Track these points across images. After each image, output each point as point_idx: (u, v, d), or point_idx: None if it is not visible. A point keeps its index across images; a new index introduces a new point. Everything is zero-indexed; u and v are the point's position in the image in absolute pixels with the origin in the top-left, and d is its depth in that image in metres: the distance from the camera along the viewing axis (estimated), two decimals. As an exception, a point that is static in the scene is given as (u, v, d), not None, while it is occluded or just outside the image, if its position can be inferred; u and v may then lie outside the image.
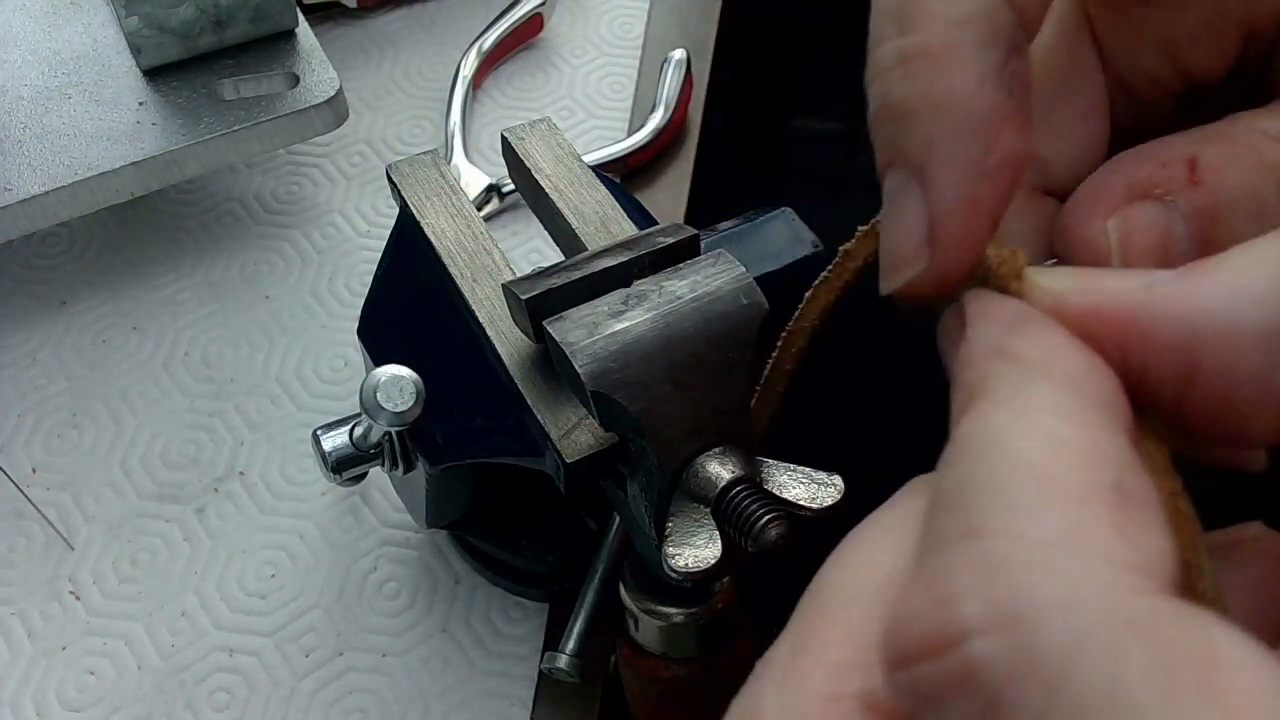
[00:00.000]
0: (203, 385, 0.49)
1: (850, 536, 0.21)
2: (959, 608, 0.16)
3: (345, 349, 0.51)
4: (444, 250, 0.35)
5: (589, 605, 0.40)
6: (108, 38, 0.52)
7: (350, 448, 0.36)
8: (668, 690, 0.34)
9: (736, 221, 0.39)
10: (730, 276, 0.29)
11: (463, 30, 0.62)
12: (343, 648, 0.42)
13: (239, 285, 0.53)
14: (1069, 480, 0.17)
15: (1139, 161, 0.24)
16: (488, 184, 0.54)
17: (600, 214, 0.35)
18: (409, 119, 0.59)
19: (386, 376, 0.32)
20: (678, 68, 0.58)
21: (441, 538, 0.45)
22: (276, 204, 0.56)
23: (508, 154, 0.37)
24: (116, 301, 0.52)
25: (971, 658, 0.15)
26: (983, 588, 0.16)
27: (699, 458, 0.28)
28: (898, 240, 0.22)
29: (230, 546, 0.45)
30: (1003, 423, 0.18)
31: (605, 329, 0.28)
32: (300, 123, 0.50)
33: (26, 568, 0.44)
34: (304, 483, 0.46)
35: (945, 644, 0.16)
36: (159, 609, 0.43)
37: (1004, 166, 0.21)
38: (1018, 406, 0.18)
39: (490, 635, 0.43)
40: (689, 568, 0.27)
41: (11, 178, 0.46)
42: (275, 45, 0.52)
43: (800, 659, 0.19)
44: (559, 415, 0.31)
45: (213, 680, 0.42)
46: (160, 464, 0.47)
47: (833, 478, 0.28)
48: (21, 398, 0.49)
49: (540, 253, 0.54)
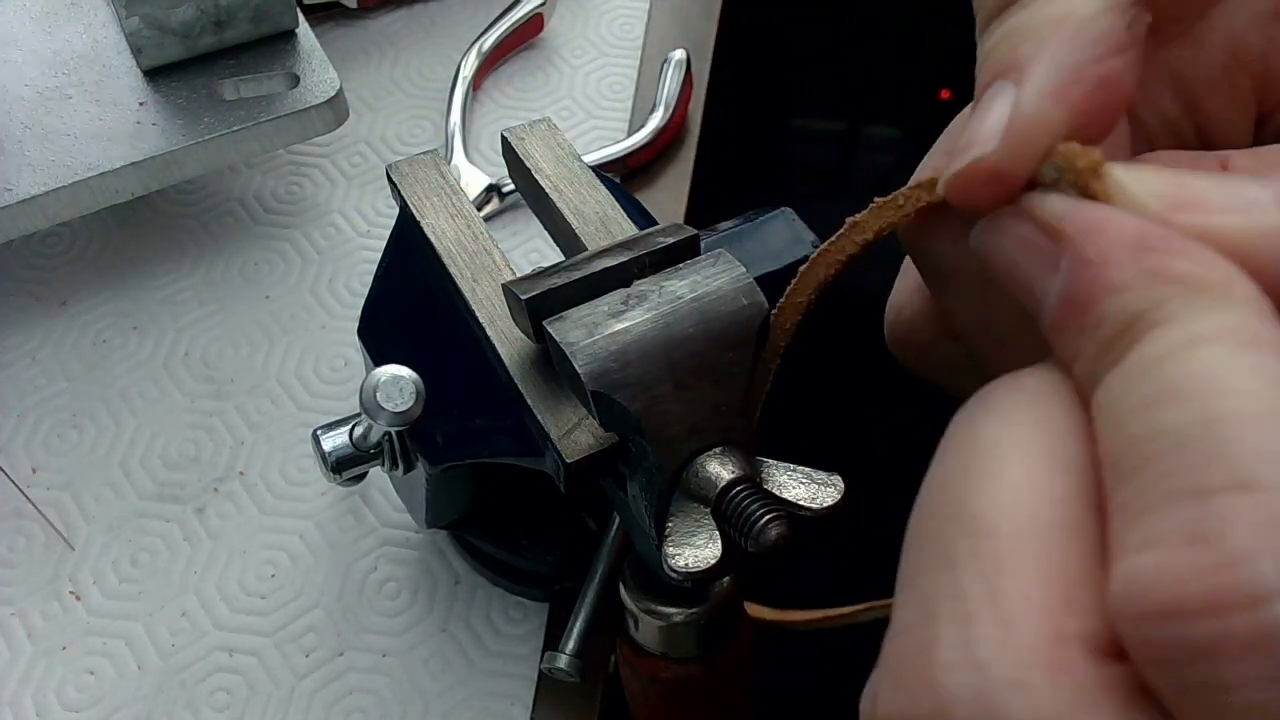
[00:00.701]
0: (203, 385, 0.49)
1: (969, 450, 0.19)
2: (1252, 567, 0.15)
3: (345, 349, 0.51)
4: (444, 250, 0.35)
5: (589, 605, 0.40)
6: (108, 38, 0.52)
7: (350, 448, 0.36)
8: (668, 690, 0.34)
9: (736, 221, 0.39)
10: (730, 276, 0.29)
11: (463, 30, 0.62)
12: (343, 648, 0.42)
13: (239, 285, 0.53)
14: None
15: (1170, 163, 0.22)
16: (488, 184, 0.54)
17: (600, 214, 0.35)
18: (409, 119, 0.59)
19: (386, 376, 0.32)
20: (678, 68, 0.58)
21: (441, 538, 0.45)
22: (276, 204, 0.56)
23: (508, 154, 0.37)
24: (116, 301, 0.52)
25: (1275, 620, 0.15)
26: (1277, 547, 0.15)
27: (699, 458, 0.28)
28: (971, 130, 0.21)
29: (230, 546, 0.45)
30: (1222, 357, 0.16)
31: (605, 329, 0.28)
32: (300, 123, 0.50)
33: (26, 568, 0.44)
34: (304, 483, 0.46)
35: (1236, 604, 0.15)
36: (159, 609, 0.43)
37: (1102, 82, 0.20)
38: (1230, 339, 0.17)
39: (490, 635, 0.43)
40: (689, 568, 0.27)
41: (11, 178, 0.46)
42: (275, 45, 0.52)
43: (991, 605, 0.17)
44: (559, 415, 0.31)
45: (213, 680, 0.42)
46: (160, 464, 0.47)
47: (833, 478, 0.28)
48: (21, 398, 0.49)
49: (540, 253, 0.54)
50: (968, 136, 0.21)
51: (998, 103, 0.21)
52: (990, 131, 0.20)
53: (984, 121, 0.21)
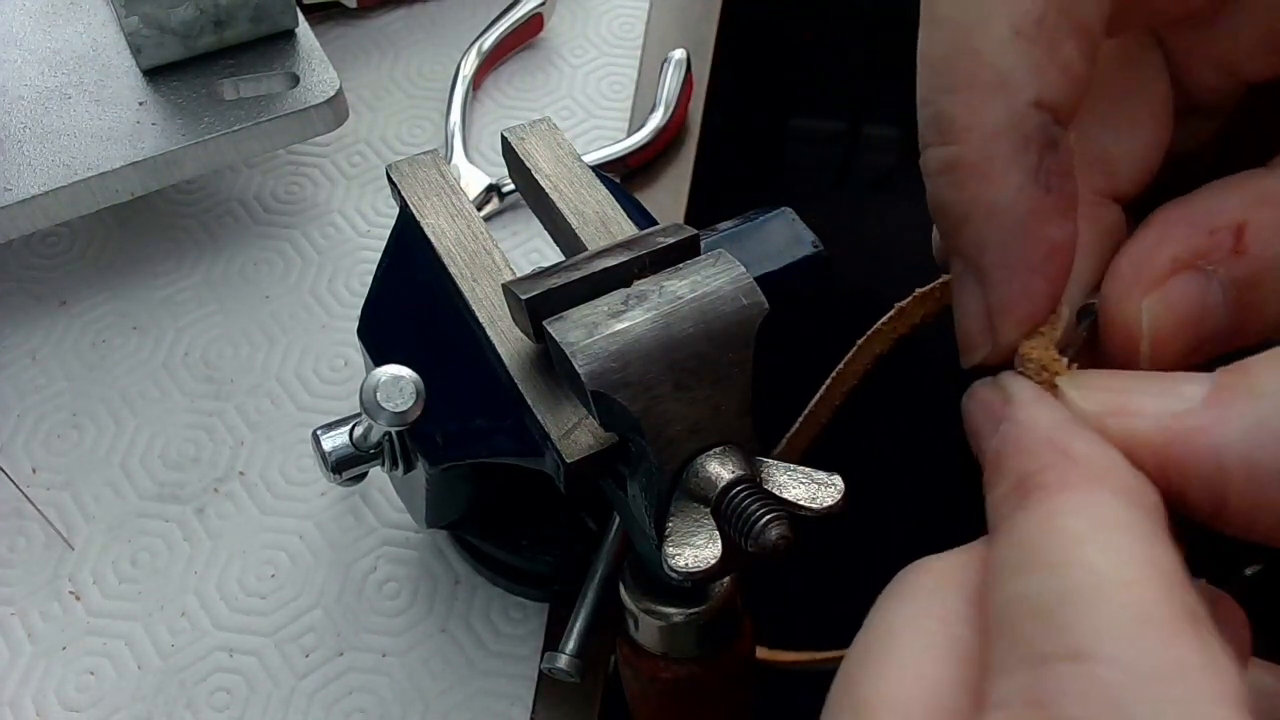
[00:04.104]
0: (203, 385, 0.49)
1: (871, 639, 0.21)
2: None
3: (345, 349, 0.51)
4: (444, 250, 0.35)
5: (589, 605, 0.40)
6: (108, 38, 0.52)
7: (350, 448, 0.36)
8: (668, 690, 0.34)
9: (736, 221, 0.39)
10: (730, 276, 0.29)
11: (463, 30, 0.62)
12: (343, 648, 0.42)
13: (239, 285, 0.53)
14: (1157, 606, 0.17)
15: (1187, 228, 0.24)
16: (488, 184, 0.54)
17: (600, 214, 0.35)
18: (409, 119, 0.59)
19: (386, 376, 0.32)
20: (678, 68, 0.58)
21: (441, 538, 0.45)
22: (276, 204, 0.56)
23: (508, 154, 0.37)
24: (116, 301, 0.52)
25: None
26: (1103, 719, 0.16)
27: (699, 458, 0.28)
28: (966, 328, 0.25)
29: (230, 546, 0.45)
30: (1079, 533, 0.18)
31: (605, 329, 0.28)
32: (300, 123, 0.50)
33: (26, 568, 0.44)
34: (304, 483, 0.46)
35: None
36: (159, 609, 0.43)
37: (1051, 257, 0.23)
38: (1090, 517, 0.19)
39: (490, 635, 0.43)
40: (689, 568, 0.27)
41: (11, 178, 0.46)
42: (275, 45, 0.52)
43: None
44: (559, 415, 0.31)
45: (213, 680, 0.42)
46: (160, 464, 0.47)
47: (833, 478, 0.28)
48: (21, 398, 0.49)
49: (540, 253, 0.54)
50: (962, 335, 0.25)
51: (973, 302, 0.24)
52: (980, 330, 0.24)
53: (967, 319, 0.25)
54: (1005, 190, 0.23)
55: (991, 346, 0.24)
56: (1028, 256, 0.23)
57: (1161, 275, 0.24)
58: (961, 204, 0.23)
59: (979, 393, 0.24)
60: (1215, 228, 0.24)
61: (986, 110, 0.22)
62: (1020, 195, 0.23)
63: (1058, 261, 0.23)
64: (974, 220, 0.23)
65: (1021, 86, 0.22)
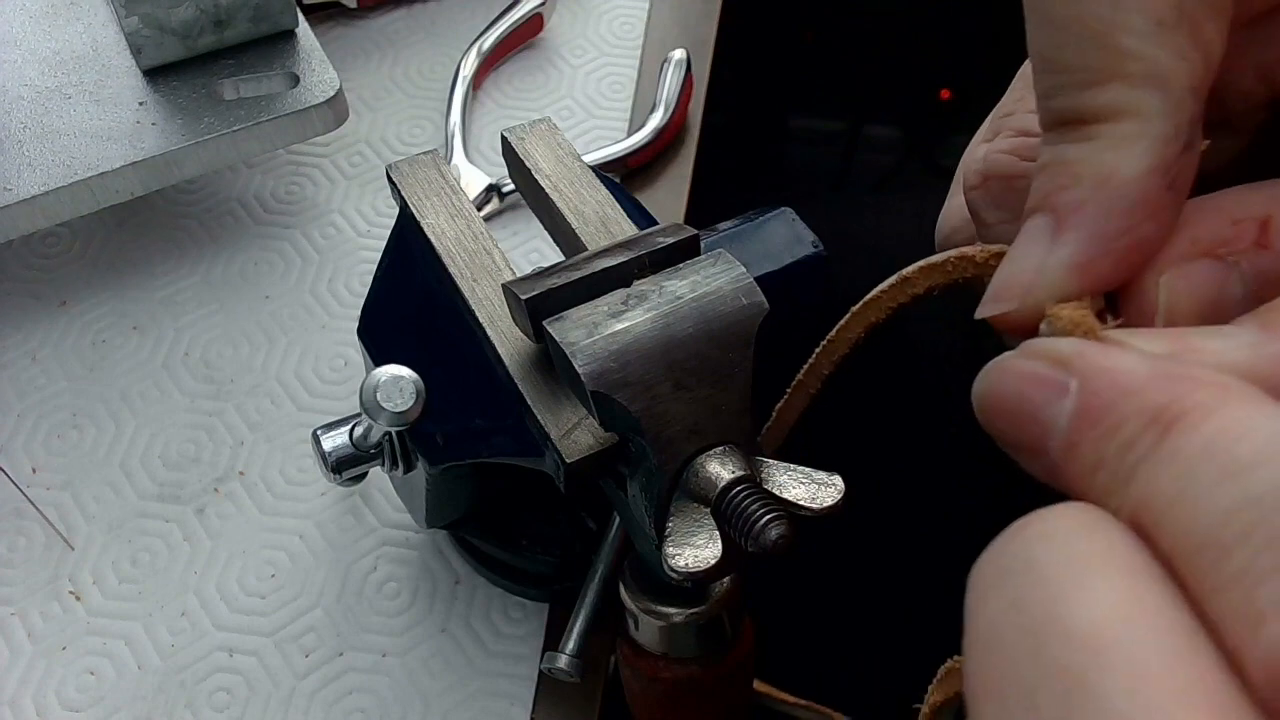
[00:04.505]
0: (203, 385, 0.49)
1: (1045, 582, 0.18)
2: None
3: (345, 349, 0.51)
4: (444, 250, 0.35)
5: (589, 605, 0.40)
6: (108, 38, 0.52)
7: (350, 448, 0.36)
8: (668, 690, 0.34)
9: (736, 221, 0.39)
10: (730, 276, 0.29)
11: (463, 30, 0.62)
12: (343, 648, 0.42)
13: (239, 285, 0.53)
14: None
15: (1210, 215, 0.24)
16: (488, 184, 0.54)
17: (600, 214, 0.35)
18: (409, 119, 0.59)
19: (386, 376, 0.32)
20: (678, 68, 0.58)
21: (441, 538, 0.45)
22: (276, 204, 0.56)
23: (508, 154, 0.37)
24: (116, 301, 0.52)
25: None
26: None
27: (699, 458, 0.28)
28: (1006, 276, 0.23)
29: (230, 546, 0.45)
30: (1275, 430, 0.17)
31: (605, 329, 0.28)
32: (300, 123, 0.50)
33: (26, 568, 0.44)
34: (304, 483, 0.46)
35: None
36: (159, 609, 0.43)
37: (1130, 250, 0.22)
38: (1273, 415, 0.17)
39: (490, 635, 0.43)
40: (689, 568, 0.27)
41: (11, 178, 0.46)
42: (275, 45, 0.52)
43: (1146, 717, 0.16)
44: (559, 415, 0.31)
45: (213, 680, 0.42)
46: (160, 464, 0.47)
47: (833, 477, 0.28)
48: (21, 398, 0.49)
49: (540, 253, 0.54)
50: (1002, 281, 0.23)
51: (1033, 250, 0.23)
52: (1018, 288, 0.23)
53: (1014, 267, 0.23)
54: (1137, 165, 0.22)
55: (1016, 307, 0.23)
56: (1114, 238, 0.22)
57: (1179, 254, 0.23)
58: (1083, 162, 0.22)
59: (1014, 365, 0.21)
60: (1239, 218, 0.23)
61: (1139, 101, 0.22)
62: (1147, 178, 0.22)
63: (1131, 258, 0.23)
64: (1088, 181, 0.22)
65: (1178, 74, 0.22)
